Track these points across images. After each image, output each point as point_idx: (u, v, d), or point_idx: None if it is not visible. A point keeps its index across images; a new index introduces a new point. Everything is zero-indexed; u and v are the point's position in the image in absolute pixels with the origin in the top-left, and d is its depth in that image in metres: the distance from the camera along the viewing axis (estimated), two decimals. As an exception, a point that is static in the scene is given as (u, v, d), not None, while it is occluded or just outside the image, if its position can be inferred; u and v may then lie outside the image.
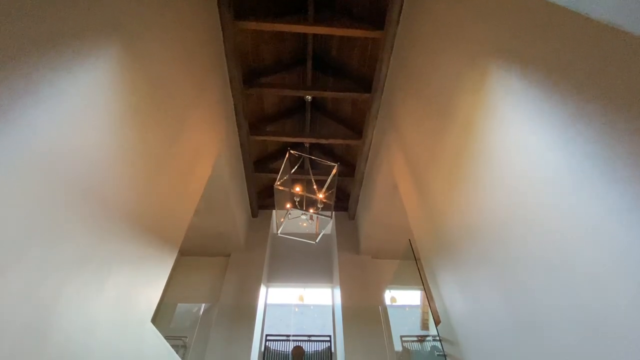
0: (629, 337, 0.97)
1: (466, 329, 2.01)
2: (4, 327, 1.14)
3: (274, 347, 4.66)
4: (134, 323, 2.08)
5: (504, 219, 1.59)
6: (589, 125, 1.13)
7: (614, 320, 1.02)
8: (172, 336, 4.17)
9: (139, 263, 2.13)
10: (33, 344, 1.27)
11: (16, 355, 1.19)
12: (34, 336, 1.27)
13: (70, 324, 1.47)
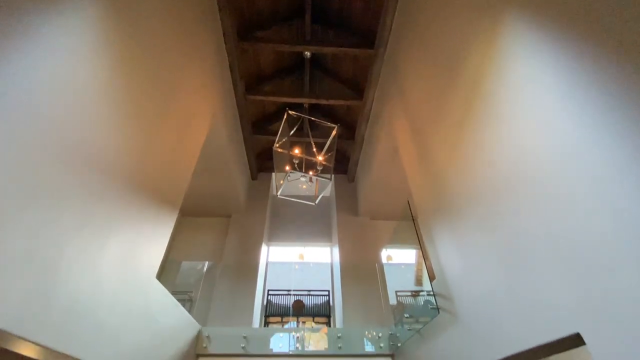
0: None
1: (460, 284, 2.09)
2: (11, 283, 1.16)
3: (275, 301, 4.93)
4: (140, 279, 2.15)
5: (507, 180, 1.57)
6: (608, 86, 1.06)
7: (608, 277, 1.04)
8: (178, 291, 4.37)
9: (140, 223, 2.15)
10: (42, 298, 1.31)
11: (26, 309, 1.24)
12: (42, 292, 1.31)
13: (77, 281, 1.51)
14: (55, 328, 1.39)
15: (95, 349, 1.65)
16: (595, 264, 1.10)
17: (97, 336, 1.68)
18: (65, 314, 1.43)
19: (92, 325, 1.63)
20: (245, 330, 3.53)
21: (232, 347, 3.37)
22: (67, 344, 1.45)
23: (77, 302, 1.51)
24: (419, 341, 2.77)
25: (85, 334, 1.58)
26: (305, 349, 3.44)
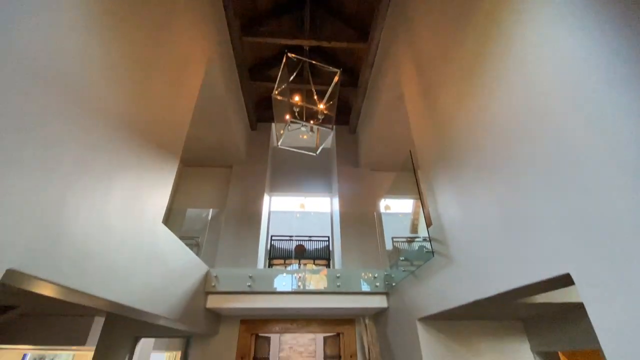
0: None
1: (456, 229, 2.17)
2: (20, 225, 1.20)
3: (278, 245, 5.20)
4: (147, 224, 2.22)
5: (518, 124, 1.52)
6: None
7: (608, 223, 1.07)
8: (185, 237, 4.58)
9: (142, 169, 2.15)
10: (51, 240, 1.36)
11: (37, 250, 1.29)
12: (50, 234, 1.35)
13: (83, 224, 1.56)
14: (68, 267, 1.47)
15: (108, 288, 1.77)
16: (589, 210, 1.13)
17: (109, 276, 1.78)
18: (75, 255, 1.50)
19: (103, 266, 1.72)
20: (251, 270, 3.77)
21: (238, 285, 3.64)
22: (81, 282, 1.55)
23: (86, 244, 1.58)
24: (412, 281, 2.97)
25: (98, 274, 1.68)
26: (307, 288, 3.71)
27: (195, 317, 3.30)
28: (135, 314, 2.27)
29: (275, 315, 4.35)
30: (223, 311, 3.88)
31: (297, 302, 3.70)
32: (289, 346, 8.00)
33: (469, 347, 2.80)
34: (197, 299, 3.33)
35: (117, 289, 1.86)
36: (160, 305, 2.43)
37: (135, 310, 2.11)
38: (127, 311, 2.16)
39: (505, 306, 2.27)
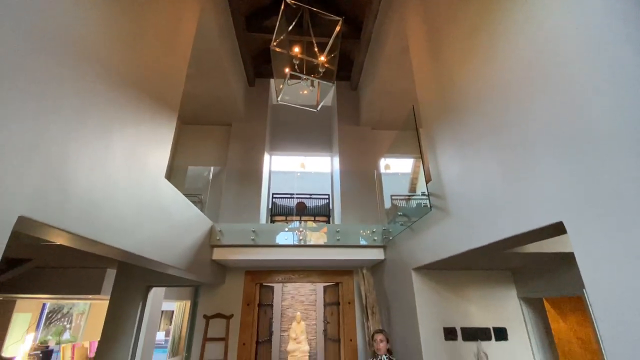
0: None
1: (455, 184, 2.20)
2: (24, 173, 1.21)
3: (280, 203, 5.33)
4: (149, 178, 2.25)
5: (520, 79, 1.49)
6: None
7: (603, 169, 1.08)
8: (187, 194, 4.66)
9: (141, 123, 2.13)
10: (57, 188, 1.39)
11: (43, 197, 1.32)
12: (55, 182, 1.37)
13: (87, 175, 1.58)
14: (77, 216, 1.52)
15: (118, 237, 1.85)
16: (584, 163, 1.16)
17: (119, 226, 1.85)
18: (83, 204, 1.55)
19: (111, 216, 1.78)
20: (254, 225, 3.91)
21: (242, 239, 3.79)
22: (92, 231, 1.61)
23: (92, 194, 1.62)
24: (409, 234, 3.09)
25: (107, 223, 1.75)
26: (308, 242, 3.87)
27: (203, 267, 3.49)
28: (146, 263, 2.40)
29: (278, 267, 4.60)
30: (228, 263, 4.09)
31: (298, 255, 3.89)
32: (291, 296, 8.56)
33: (459, 294, 3.00)
34: (203, 251, 3.50)
35: (127, 239, 1.94)
36: (169, 256, 2.55)
37: (146, 259, 2.23)
38: (138, 260, 2.28)
39: (497, 256, 2.39)
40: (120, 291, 4.33)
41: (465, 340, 2.81)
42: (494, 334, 2.86)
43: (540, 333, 2.88)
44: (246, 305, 4.36)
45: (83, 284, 5.24)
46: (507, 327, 2.90)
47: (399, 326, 3.30)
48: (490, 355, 2.77)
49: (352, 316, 4.44)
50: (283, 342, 7.71)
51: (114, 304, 4.25)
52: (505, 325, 2.91)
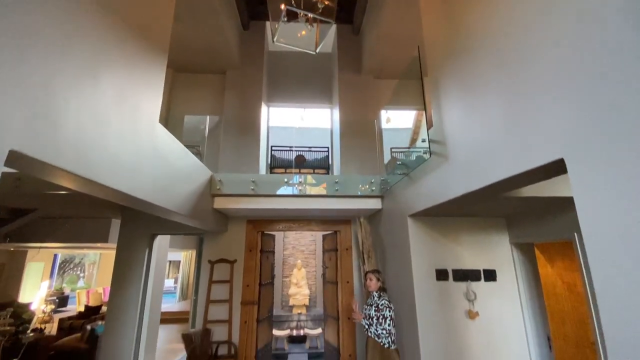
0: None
1: (457, 128, 2.15)
2: (9, 110, 1.16)
3: (279, 156, 5.30)
4: (144, 122, 2.19)
5: (529, 20, 1.36)
6: None
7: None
8: (185, 145, 4.62)
9: (129, 63, 2.01)
10: (47, 124, 1.34)
11: (33, 133, 1.28)
12: (44, 119, 1.32)
13: (77, 113, 1.52)
14: (70, 153, 1.49)
15: (116, 178, 1.84)
16: (587, 100, 1.12)
17: (116, 167, 1.84)
18: (76, 142, 1.51)
19: (105, 157, 1.76)
20: (254, 176, 3.92)
21: (242, 189, 3.83)
22: (88, 170, 1.60)
23: (84, 133, 1.58)
24: (407, 183, 3.12)
25: (103, 164, 1.73)
26: (307, 192, 3.92)
27: (205, 215, 3.57)
28: (150, 208, 2.43)
29: (278, 216, 4.72)
30: (229, 212, 4.18)
31: (298, 204, 3.96)
32: (292, 246, 8.96)
33: (452, 239, 3.11)
34: (204, 200, 3.55)
35: (127, 182, 1.94)
36: (170, 201, 2.59)
37: (149, 204, 2.26)
38: (142, 205, 2.31)
39: (493, 201, 2.42)
40: (126, 239, 4.49)
41: (456, 281, 2.99)
42: (483, 275, 3.02)
43: (528, 275, 3.05)
44: (249, 251, 4.56)
45: (90, 232, 5.44)
46: (496, 269, 3.06)
47: (394, 268, 3.48)
48: (479, 294, 2.95)
49: (349, 261, 4.68)
50: (285, 287, 8.24)
51: (121, 251, 4.43)
52: (495, 268, 3.06)
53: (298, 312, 7.33)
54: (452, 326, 2.85)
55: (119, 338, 4.09)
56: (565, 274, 3.88)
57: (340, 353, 4.37)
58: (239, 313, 4.32)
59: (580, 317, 3.68)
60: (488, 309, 2.93)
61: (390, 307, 2.74)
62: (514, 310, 2.97)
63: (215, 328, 4.23)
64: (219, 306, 4.33)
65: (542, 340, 2.88)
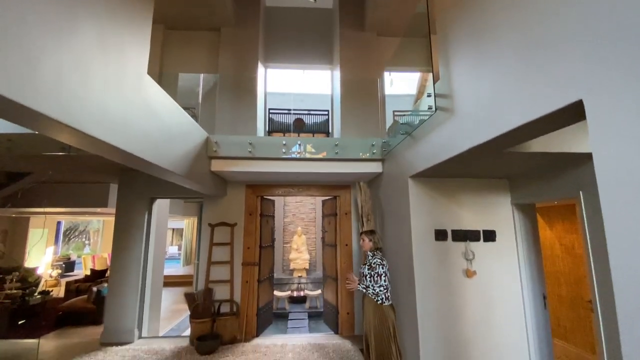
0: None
1: (465, 78, 2.01)
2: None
3: (277, 119, 5.13)
4: (129, 71, 2.04)
5: None
6: None
7: None
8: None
9: (111, 3, 1.83)
10: (21, 67, 1.22)
11: (16, 79, 1.17)
12: (19, 62, 1.21)
13: (55, 56, 1.39)
14: (52, 98, 1.38)
15: (100, 129, 1.74)
16: (607, 36, 1.00)
17: (99, 116, 1.73)
18: (55, 86, 1.40)
19: (89, 105, 1.65)
20: (251, 138, 3.80)
21: (239, 151, 3.73)
22: (69, 116, 1.50)
23: (64, 77, 1.46)
24: (409, 143, 3.01)
25: (85, 112, 1.62)
26: (306, 155, 3.82)
27: (202, 178, 3.51)
28: (141, 164, 2.35)
29: (277, 181, 4.67)
30: (227, 175, 4.11)
31: (297, 168, 3.88)
32: (292, 213, 9.04)
33: (453, 200, 3.07)
34: (201, 162, 3.47)
35: (114, 134, 1.84)
36: (164, 159, 2.50)
37: (138, 159, 2.17)
38: (132, 161, 2.23)
39: (498, 158, 2.34)
40: (125, 203, 4.47)
41: (455, 241, 2.98)
42: (482, 235, 3.01)
43: (528, 236, 3.04)
44: (248, 215, 4.56)
45: (89, 198, 5.42)
46: (496, 230, 3.05)
47: (392, 229, 3.48)
48: (477, 254, 2.97)
49: (348, 225, 4.70)
50: (286, 252, 8.43)
51: (120, 215, 4.43)
52: (495, 229, 3.05)
53: (299, 276, 7.55)
54: (449, 284, 2.89)
55: (122, 298, 4.20)
56: (564, 236, 3.91)
57: (338, 311, 4.52)
58: (240, 273, 4.41)
59: (576, 278, 3.75)
60: (486, 269, 2.95)
61: (383, 264, 2.76)
62: (512, 269, 3.00)
63: (217, 288, 4.34)
64: (220, 267, 4.41)
65: (538, 298, 2.94)
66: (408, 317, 2.96)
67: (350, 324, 4.45)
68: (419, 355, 2.75)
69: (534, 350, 2.86)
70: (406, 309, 2.99)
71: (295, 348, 3.88)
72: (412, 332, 2.88)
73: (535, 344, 2.87)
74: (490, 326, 2.87)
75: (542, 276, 3.01)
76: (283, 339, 4.26)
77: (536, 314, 2.92)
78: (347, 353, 3.73)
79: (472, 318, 2.86)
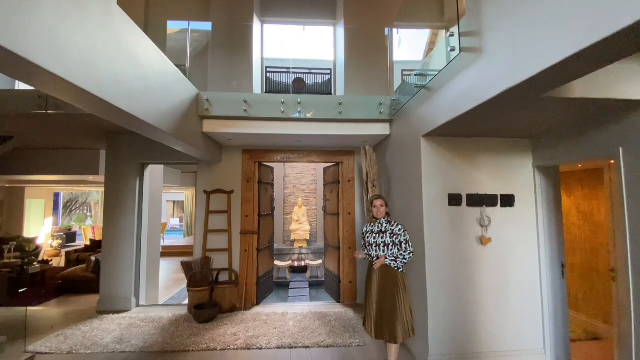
0: None
1: (500, 17, 1.64)
2: None
3: (274, 79, 4.72)
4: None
5: None
6: None
7: None
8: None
9: None
10: None
11: None
12: None
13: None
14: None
15: (60, 62, 1.42)
16: None
17: (53, 46, 1.40)
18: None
19: (38, 29, 1.31)
20: (246, 95, 3.44)
21: (233, 110, 3.40)
22: (8, 37, 1.17)
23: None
24: (423, 98, 2.67)
25: (33, 37, 1.29)
26: (307, 115, 3.48)
27: (194, 139, 3.21)
28: (115, 114, 2.04)
29: (276, 146, 4.36)
30: (221, 137, 3.81)
31: (297, 129, 3.56)
32: (293, 185, 8.81)
33: (469, 162, 2.78)
34: (191, 121, 3.15)
35: (75, 70, 1.52)
36: (144, 112, 2.19)
37: (110, 107, 1.86)
38: (104, 109, 1.92)
39: (533, 105, 2.02)
40: (114, 168, 4.21)
41: (470, 206, 2.73)
42: (500, 200, 2.76)
43: (550, 201, 2.79)
44: (246, 182, 4.30)
45: (79, 164, 5.15)
46: (515, 194, 2.79)
47: (401, 195, 3.23)
48: (493, 220, 2.73)
49: (351, 193, 4.45)
50: (286, 224, 8.30)
51: (109, 181, 4.18)
52: (514, 193, 2.79)
53: (299, 246, 7.46)
54: (461, 253, 2.68)
55: (117, 267, 4.06)
56: (582, 203, 3.66)
57: (340, 280, 4.40)
58: (239, 242, 4.24)
59: (592, 246, 3.55)
60: (502, 236, 2.73)
61: (407, 230, 2.48)
62: (530, 236, 2.77)
63: (215, 256, 4.18)
64: (218, 235, 4.23)
65: (557, 267, 2.74)
66: (416, 286, 2.78)
67: (352, 292, 4.34)
68: (427, 326, 2.60)
69: (548, 321, 2.70)
70: (414, 277, 2.80)
71: (297, 316, 3.78)
72: (420, 301, 2.72)
73: (550, 315, 2.71)
74: (503, 295, 2.69)
75: (562, 244, 2.79)
76: (284, 307, 4.17)
77: (553, 284, 2.74)
78: (349, 321, 3.63)
79: (485, 287, 2.68)
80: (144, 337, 3.19)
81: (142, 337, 3.21)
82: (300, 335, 3.25)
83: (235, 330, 3.38)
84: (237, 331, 3.34)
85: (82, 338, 3.18)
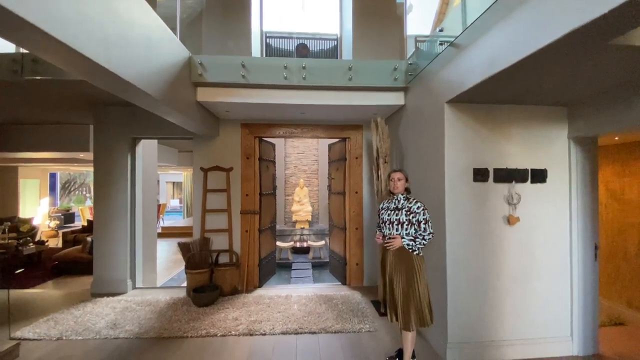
0: None
1: None
2: None
3: (275, 45, 4.31)
4: None
5: None
6: None
7: None
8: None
9: None
10: None
11: None
12: None
13: None
14: None
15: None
16: None
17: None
18: None
19: None
20: (244, 58, 3.07)
21: (230, 76, 3.04)
22: None
23: None
24: (448, 57, 2.32)
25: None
26: (312, 82, 3.12)
27: (187, 109, 2.88)
28: (87, 67, 1.71)
29: (278, 119, 4.02)
30: (218, 109, 3.46)
31: (300, 99, 3.22)
32: (294, 165, 8.50)
33: (499, 132, 2.47)
34: (183, 88, 2.81)
35: (31, 9, 1.19)
36: (126, 70, 1.86)
37: (80, 57, 1.53)
38: (73, 60, 1.59)
39: (598, 54, 1.68)
40: (103, 143, 3.89)
41: (497, 182, 2.44)
42: (530, 175, 2.46)
43: (585, 176, 2.49)
44: (246, 158, 4.00)
45: (68, 141, 4.84)
46: (547, 169, 2.49)
47: (417, 171, 2.93)
48: (523, 197, 2.44)
49: (359, 171, 4.16)
50: (288, 205, 8.07)
51: (98, 156, 3.88)
52: (547, 167, 2.49)
53: (301, 227, 7.25)
54: (486, 233, 2.42)
55: (110, 248, 3.83)
56: (613, 179, 3.36)
57: (347, 262, 4.19)
58: (239, 222, 3.99)
59: (620, 227, 3.29)
60: (531, 215, 2.45)
61: (427, 209, 2.18)
62: (561, 215, 2.50)
63: (215, 237, 3.95)
64: (218, 215, 3.97)
65: (589, 249, 2.48)
66: (434, 270, 2.54)
67: (359, 275, 4.13)
68: (446, 313, 2.37)
69: (577, 306, 2.48)
70: (432, 260, 2.55)
71: (301, 299, 3.58)
72: (439, 287, 2.48)
73: (579, 299, 2.48)
74: (530, 279, 2.45)
75: (597, 224, 2.52)
76: (287, 289, 3.98)
77: (584, 266, 2.49)
78: (357, 305, 3.43)
79: (510, 271, 2.44)
80: (139, 322, 3.00)
81: (137, 321, 3.01)
82: (306, 319, 3.06)
83: (237, 314, 3.18)
84: (239, 315, 3.15)
85: (73, 323, 2.98)
